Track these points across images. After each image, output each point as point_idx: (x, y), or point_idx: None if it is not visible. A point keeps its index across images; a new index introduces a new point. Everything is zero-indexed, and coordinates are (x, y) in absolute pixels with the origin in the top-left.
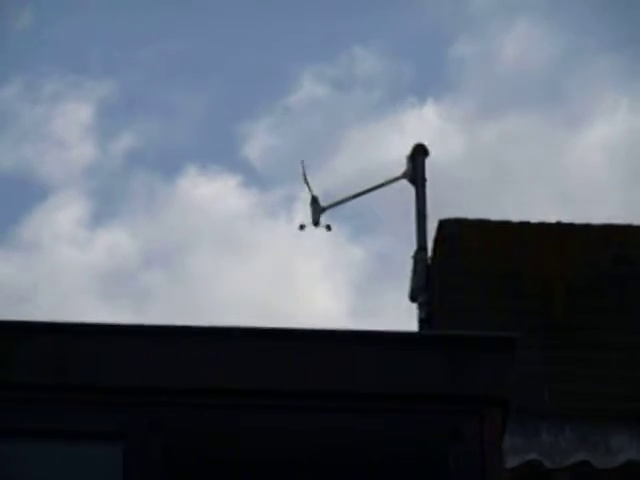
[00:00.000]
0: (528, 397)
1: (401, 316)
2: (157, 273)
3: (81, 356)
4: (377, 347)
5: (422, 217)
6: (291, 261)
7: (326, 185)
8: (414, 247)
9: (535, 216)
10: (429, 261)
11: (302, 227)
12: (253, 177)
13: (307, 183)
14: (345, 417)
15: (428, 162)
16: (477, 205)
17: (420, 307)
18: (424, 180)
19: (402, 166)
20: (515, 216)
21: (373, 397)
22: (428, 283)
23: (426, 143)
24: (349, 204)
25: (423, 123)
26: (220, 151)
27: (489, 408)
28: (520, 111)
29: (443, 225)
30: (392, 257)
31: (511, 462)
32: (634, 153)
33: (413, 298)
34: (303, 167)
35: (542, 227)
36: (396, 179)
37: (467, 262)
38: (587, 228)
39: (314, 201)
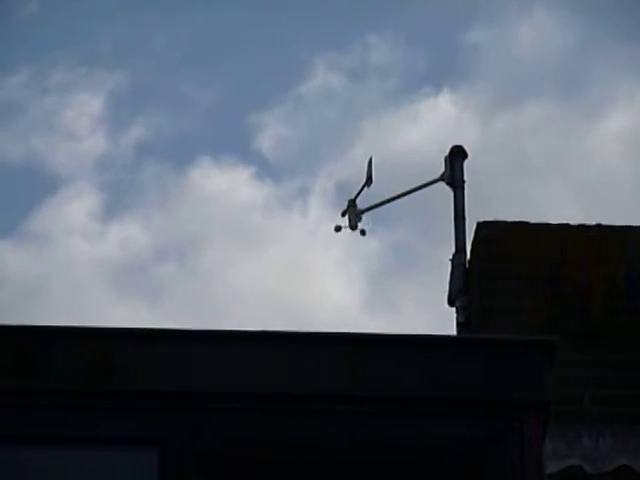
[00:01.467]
0: (568, 401)
1: (416, 309)
2: (170, 266)
3: (117, 362)
4: (416, 351)
5: (461, 220)
6: (305, 253)
7: (341, 176)
8: (433, 240)
9: (551, 206)
10: (467, 264)
11: (338, 229)
12: (266, 168)
13: (370, 179)
14: (383, 422)
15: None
16: (494, 195)
17: (458, 311)
18: (463, 182)
19: (440, 168)
20: (530, 206)
21: (412, 401)
22: (466, 286)
23: (443, 133)
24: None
25: (439, 113)
26: (233, 142)
27: (529, 412)
28: (537, 100)
29: (481, 228)
30: (408, 250)
31: (552, 467)
32: None
33: (451, 302)
34: (370, 165)
35: (581, 229)
36: (434, 181)
37: (505, 265)
38: (627, 230)
39: (352, 204)
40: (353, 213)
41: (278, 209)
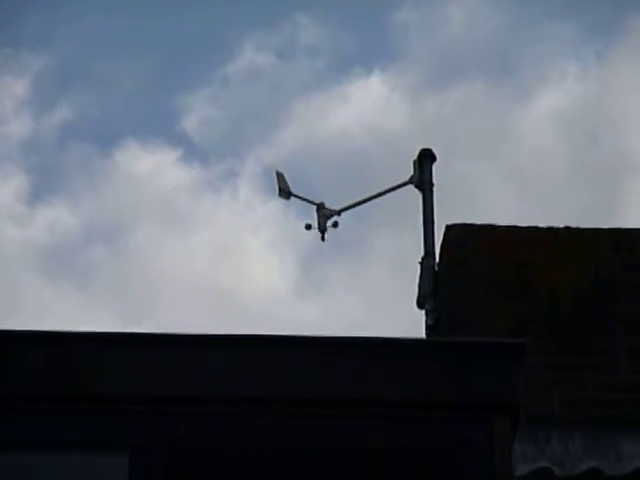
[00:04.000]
0: (538, 404)
1: (345, 293)
2: (99, 249)
3: (85, 366)
4: (385, 354)
5: (429, 223)
6: (235, 236)
7: (270, 159)
8: (366, 223)
9: (481, 187)
10: (436, 267)
11: (309, 227)
12: (193, 151)
13: (284, 191)
14: (354, 424)
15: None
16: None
17: (427, 314)
18: (431, 185)
19: (409, 171)
20: (460, 187)
21: (381, 404)
22: (435, 289)
23: (374, 114)
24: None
25: (369, 94)
26: (158, 124)
27: (498, 415)
28: (467, 81)
29: (450, 230)
30: (339, 233)
31: (521, 470)
32: (582, 120)
33: (420, 304)
34: (279, 179)
35: (550, 232)
36: (403, 184)
37: (474, 268)
38: (595, 233)
39: (320, 207)
40: (322, 216)
41: (206, 192)
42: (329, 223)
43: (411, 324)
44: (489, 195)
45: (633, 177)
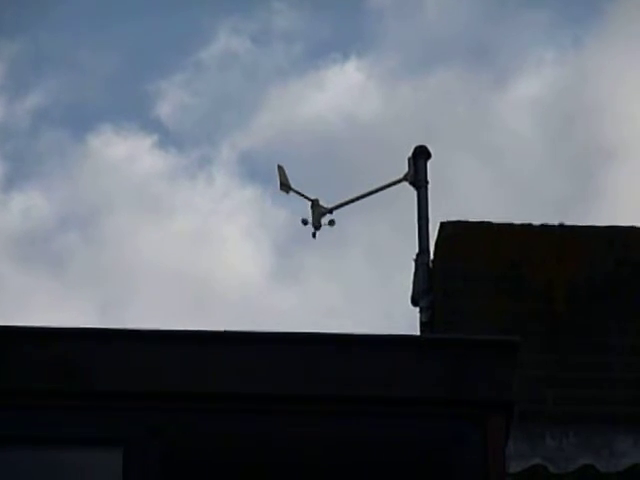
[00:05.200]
0: (531, 402)
1: (322, 280)
2: (73, 235)
3: (80, 362)
4: (379, 351)
5: (424, 220)
6: (211, 223)
7: (245, 145)
8: (355, 218)
9: (457, 174)
10: (431, 264)
11: (305, 222)
12: (168, 137)
13: (285, 185)
14: (347, 422)
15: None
16: (400, 166)
17: (422, 311)
18: (426, 182)
19: (404, 168)
20: (435, 174)
21: (375, 401)
22: (430, 286)
23: (350, 101)
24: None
25: (346, 80)
26: (133, 110)
27: (492, 412)
28: (445, 67)
29: (444, 227)
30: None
31: (515, 467)
32: (559, 106)
33: (415, 302)
34: (280, 173)
35: (544, 229)
36: (397, 181)
37: (469, 265)
38: (590, 230)
39: (315, 204)
40: (317, 212)
41: (182, 178)
42: (323, 220)
43: (404, 321)
44: (466, 183)
45: (609, 162)
